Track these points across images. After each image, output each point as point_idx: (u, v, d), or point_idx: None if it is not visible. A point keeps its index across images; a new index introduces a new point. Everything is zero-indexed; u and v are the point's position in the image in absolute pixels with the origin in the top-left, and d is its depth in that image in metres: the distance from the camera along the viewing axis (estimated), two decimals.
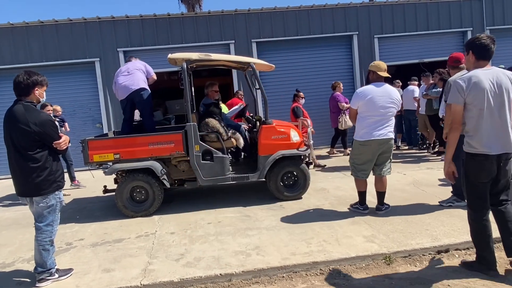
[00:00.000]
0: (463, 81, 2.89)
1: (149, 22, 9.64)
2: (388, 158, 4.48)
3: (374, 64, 4.51)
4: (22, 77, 3.24)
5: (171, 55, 5.46)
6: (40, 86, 3.33)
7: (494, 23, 10.66)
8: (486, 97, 2.86)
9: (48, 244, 3.36)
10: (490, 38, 2.96)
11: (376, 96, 4.28)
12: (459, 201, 4.55)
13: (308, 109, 9.80)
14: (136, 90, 5.49)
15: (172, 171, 5.35)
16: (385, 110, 4.30)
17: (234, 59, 5.88)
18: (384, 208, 4.55)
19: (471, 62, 3.02)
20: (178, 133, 5.15)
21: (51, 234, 3.38)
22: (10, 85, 3.57)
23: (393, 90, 4.42)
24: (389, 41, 10.54)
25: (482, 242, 3.04)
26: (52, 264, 3.38)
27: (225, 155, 5.28)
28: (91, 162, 5.09)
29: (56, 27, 9.43)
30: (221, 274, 3.29)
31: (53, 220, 3.39)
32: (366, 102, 4.30)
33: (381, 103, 4.27)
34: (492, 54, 2.97)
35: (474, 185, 3.00)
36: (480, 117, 2.89)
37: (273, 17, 10.00)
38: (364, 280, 3.14)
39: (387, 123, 4.35)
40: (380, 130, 4.30)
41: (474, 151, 2.95)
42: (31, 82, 3.26)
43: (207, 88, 6.06)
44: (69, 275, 3.45)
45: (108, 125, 9.62)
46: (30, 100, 3.30)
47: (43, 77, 3.37)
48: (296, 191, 5.44)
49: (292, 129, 5.42)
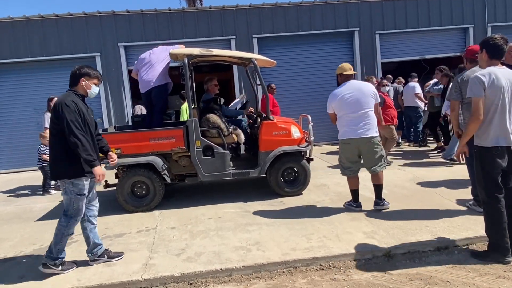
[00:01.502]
0: (484, 76, 3.07)
1: (150, 17, 9.61)
2: (376, 157, 4.39)
3: (338, 67, 4.50)
4: (74, 69, 3.40)
5: (173, 50, 5.44)
6: (87, 78, 3.40)
7: (496, 20, 10.62)
8: (502, 94, 3.06)
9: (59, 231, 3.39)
10: (503, 38, 3.16)
11: (345, 94, 4.29)
12: (475, 205, 4.24)
13: (308, 105, 9.85)
14: (154, 87, 5.54)
15: (173, 166, 5.36)
16: (358, 106, 4.26)
17: (235, 55, 5.86)
18: (382, 203, 4.49)
19: (484, 60, 3.23)
20: (179, 129, 5.15)
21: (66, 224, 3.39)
22: (10, 79, 3.59)
23: (364, 84, 4.40)
24: (390, 38, 10.51)
25: (498, 229, 3.14)
26: (60, 254, 3.39)
27: (226, 151, 5.29)
28: None
29: (56, 22, 9.40)
30: (221, 269, 3.30)
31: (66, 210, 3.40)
32: (338, 103, 4.35)
33: (352, 99, 4.26)
34: (504, 54, 3.20)
35: (489, 174, 3.15)
36: (494, 112, 3.09)
37: (274, 12, 9.97)
38: (364, 276, 3.16)
39: (364, 121, 4.28)
40: (356, 128, 4.29)
41: (486, 144, 3.14)
42: (79, 73, 3.37)
43: (206, 83, 6.04)
44: (72, 269, 3.46)
45: (108, 120, 9.62)
46: (75, 90, 3.41)
47: (94, 71, 3.47)
48: (296, 187, 5.45)
49: (293, 125, 5.42)
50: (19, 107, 9.38)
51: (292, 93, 10.23)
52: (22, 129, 9.44)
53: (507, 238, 3.15)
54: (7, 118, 9.46)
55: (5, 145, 9.55)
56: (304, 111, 7.39)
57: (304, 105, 9.94)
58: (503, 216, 3.14)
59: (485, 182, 3.19)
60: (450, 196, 4.88)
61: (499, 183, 3.15)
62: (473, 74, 3.31)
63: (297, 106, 9.88)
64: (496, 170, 3.13)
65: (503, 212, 3.14)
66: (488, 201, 3.20)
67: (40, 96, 8.93)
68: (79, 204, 3.36)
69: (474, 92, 3.11)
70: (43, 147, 6.76)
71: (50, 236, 4.41)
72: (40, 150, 6.82)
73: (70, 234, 3.43)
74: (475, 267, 3.16)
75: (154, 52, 5.79)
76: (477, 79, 3.09)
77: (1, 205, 6.22)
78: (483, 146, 3.16)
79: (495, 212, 3.15)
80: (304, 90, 10.23)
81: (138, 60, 5.87)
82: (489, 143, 3.12)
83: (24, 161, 9.44)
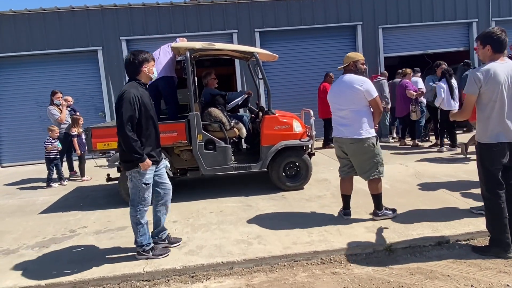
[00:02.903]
0: (481, 73, 3.06)
1: (152, 11, 9.57)
2: (364, 162, 3.89)
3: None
4: (129, 58, 3.34)
5: (175, 44, 5.42)
6: (147, 63, 3.38)
7: (500, 15, 10.53)
8: (501, 90, 3.03)
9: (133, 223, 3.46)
10: (503, 31, 3.13)
11: (332, 90, 4.08)
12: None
13: (309, 100, 9.80)
14: (159, 78, 5.45)
15: (174, 160, 5.37)
16: (337, 104, 3.95)
17: (237, 49, 5.84)
18: (381, 213, 4.00)
19: (487, 55, 3.18)
20: (181, 123, 5.15)
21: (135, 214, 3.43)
22: (12, 73, 3.59)
23: (348, 80, 3.85)
24: (393, 32, 10.45)
25: (499, 225, 3.15)
26: (143, 241, 3.44)
27: (227, 145, 5.29)
28: (94, 150, 5.12)
29: (58, 15, 9.38)
30: (223, 262, 3.32)
31: (133, 200, 3.44)
32: (328, 99, 4.14)
33: (332, 98, 4.03)
34: (506, 46, 3.15)
35: (489, 170, 3.16)
36: (492, 108, 3.08)
37: (277, 6, 9.92)
38: (365, 270, 3.17)
39: (341, 120, 3.92)
40: (335, 128, 4.06)
41: (485, 141, 3.14)
42: (138, 61, 3.33)
43: (205, 78, 6.01)
44: (165, 255, 3.49)
45: (110, 114, 9.63)
46: (138, 79, 3.39)
47: (147, 53, 3.43)
48: (298, 181, 5.46)
49: (294, 120, 5.42)
50: (21, 100, 9.40)
51: (293, 87, 10.20)
52: (24, 122, 9.47)
53: (508, 233, 3.15)
54: (9, 112, 9.48)
55: (8, 139, 9.58)
56: (305, 106, 7.36)
57: (306, 99, 9.90)
58: (504, 211, 3.14)
59: (486, 178, 3.20)
60: (452, 191, 4.87)
61: (499, 179, 3.14)
62: None
63: (299, 101, 9.84)
64: (496, 166, 3.12)
65: (503, 207, 3.14)
66: (488, 197, 3.20)
67: (42, 89, 8.94)
68: (145, 193, 3.41)
69: (467, 89, 3.15)
70: (49, 139, 6.77)
71: (52, 229, 4.47)
72: (45, 142, 6.79)
73: (145, 222, 3.46)
74: (475, 261, 3.17)
75: (162, 49, 5.82)
76: (473, 76, 3.10)
77: (4, 198, 6.26)
78: (483, 142, 3.16)
79: (496, 207, 3.15)
80: (306, 84, 10.19)
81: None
82: (488, 139, 3.12)
83: (26, 155, 9.48)
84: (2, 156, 9.61)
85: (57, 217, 4.96)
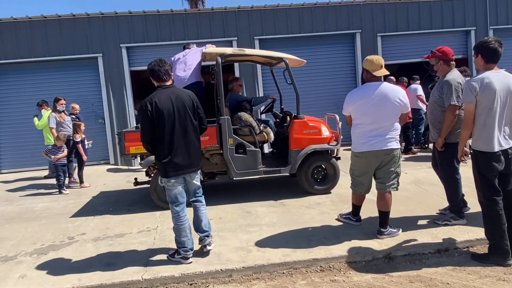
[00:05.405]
0: (476, 82, 3.08)
1: (152, 18, 9.63)
2: (391, 171, 3.73)
3: (367, 61, 3.66)
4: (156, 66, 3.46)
5: (206, 50, 5.50)
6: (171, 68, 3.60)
7: (498, 23, 10.61)
8: (495, 99, 3.06)
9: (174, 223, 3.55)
10: (498, 41, 3.14)
11: (366, 99, 3.59)
12: (457, 219, 3.98)
13: (310, 106, 9.81)
14: (189, 84, 5.51)
15: (204, 164, 5.34)
16: (382, 116, 3.58)
17: (266, 54, 5.80)
18: (387, 232, 3.78)
19: (481, 65, 3.21)
20: (212, 127, 5.14)
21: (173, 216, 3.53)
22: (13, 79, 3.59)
23: (394, 89, 3.61)
24: (392, 40, 10.51)
25: (498, 231, 3.15)
26: (178, 245, 3.51)
27: (257, 149, 5.34)
28: (127, 154, 5.15)
29: (59, 22, 9.42)
30: (222, 270, 3.31)
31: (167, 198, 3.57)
32: (357, 107, 3.65)
33: (376, 107, 3.55)
34: (500, 57, 3.16)
35: (485, 177, 3.17)
36: (488, 116, 3.10)
37: (276, 14, 9.99)
38: (364, 278, 3.16)
39: (388, 133, 3.62)
40: (377, 140, 3.61)
41: (481, 148, 3.16)
42: (166, 68, 3.50)
43: (231, 83, 6.11)
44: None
45: (110, 121, 9.64)
46: (163, 85, 3.53)
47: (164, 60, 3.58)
48: (326, 185, 5.52)
49: (322, 124, 5.50)
50: (22, 107, 9.39)
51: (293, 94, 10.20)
52: (25, 129, 9.46)
53: (507, 240, 3.15)
54: (10, 118, 9.48)
55: (8, 145, 9.58)
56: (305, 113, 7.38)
57: (305, 107, 9.90)
58: (502, 218, 3.14)
59: (482, 185, 3.21)
60: None
61: (496, 186, 3.15)
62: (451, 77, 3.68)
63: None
64: (491, 173, 3.14)
65: (501, 214, 3.14)
66: (486, 204, 3.21)
67: (43, 96, 8.92)
68: (171, 192, 3.51)
69: (464, 99, 3.19)
70: (49, 146, 6.79)
71: (51, 236, 4.45)
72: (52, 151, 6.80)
73: (182, 224, 3.51)
74: (475, 269, 3.16)
75: (187, 53, 5.85)
76: (469, 85, 3.12)
77: (3, 205, 6.24)
78: (479, 150, 3.18)
79: (493, 214, 3.16)
80: (306, 92, 10.21)
81: (172, 62, 5.85)
82: (484, 147, 3.14)
83: (26, 161, 9.47)
84: (2, 162, 9.60)
85: (56, 224, 4.94)
